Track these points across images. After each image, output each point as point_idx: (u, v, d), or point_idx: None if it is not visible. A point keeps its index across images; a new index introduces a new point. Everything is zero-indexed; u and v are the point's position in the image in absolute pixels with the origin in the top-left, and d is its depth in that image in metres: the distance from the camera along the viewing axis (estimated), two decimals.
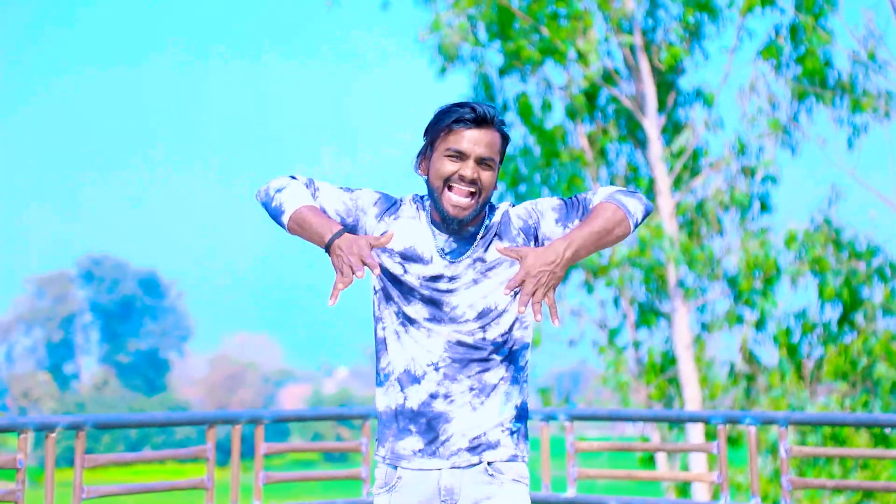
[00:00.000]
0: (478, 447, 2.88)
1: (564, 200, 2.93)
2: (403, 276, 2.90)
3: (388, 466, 2.93)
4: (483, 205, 2.87)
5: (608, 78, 15.03)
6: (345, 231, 2.81)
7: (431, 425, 2.89)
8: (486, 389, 2.89)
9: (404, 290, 2.90)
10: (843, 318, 14.22)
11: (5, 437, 40.39)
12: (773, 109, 14.57)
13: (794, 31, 14.38)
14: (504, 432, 2.90)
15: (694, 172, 15.04)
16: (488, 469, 2.88)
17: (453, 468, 2.88)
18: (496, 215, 2.93)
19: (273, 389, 69.98)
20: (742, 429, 13.11)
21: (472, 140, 2.84)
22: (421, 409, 2.89)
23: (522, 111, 15.01)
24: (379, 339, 2.96)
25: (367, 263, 2.70)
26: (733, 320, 14.60)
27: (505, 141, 2.90)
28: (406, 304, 2.90)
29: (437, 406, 2.88)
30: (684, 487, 14.20)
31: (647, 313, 15.13)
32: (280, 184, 2.92)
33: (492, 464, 2.89)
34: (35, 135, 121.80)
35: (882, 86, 14.14)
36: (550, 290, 2.69)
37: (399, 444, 2.91)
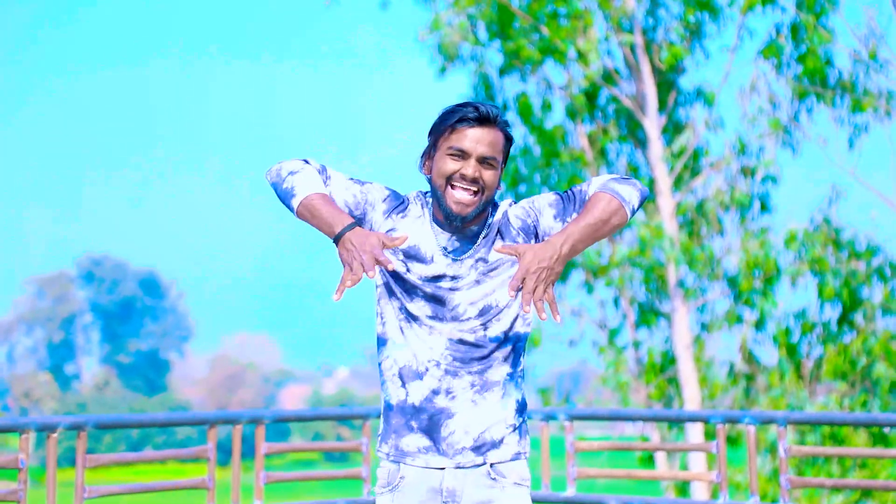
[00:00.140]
0: (482, 446, 2.88)
1: (560, 195, 2.93)
2: (406, 275, 2.90)
3: (392, 463, 2.92)
4: (486, 203, 2.87)
5: (608, 77, 15.01)
6: (356, 225, 2.78)
7: (433, 421, 2.88)
8: (486, 385, 2.90)
9: (407, 286, 2.90)
10: (843, 318, 14.23)
11: (7, 438, 40.37)
12: (774, 109, 14.56)
13: (795, 30, 14.36)
14: (507, 429, 2.91)
15: (694, 172, 15.03)
16: (491, 472, 2.89)
17: (457, 468, 2.88)
18: (498, 213, 2.93)
19: (273, 390, 69.97)
20: (741, 428, 13.14)
21: (475, 139, 2.84)
22: (423, 405, 2.88)
23: (522, 111, 15.00)
24: (381, 334, 2.96)
25: (379, 262, 2.68)
26: (733, 320, 14.59)
27: (508, 141, 2.91)
28: (409, 300, 2.90)
29: (439, 402, 2.88)
30: (683, 487, 14.20)
31: (647, 313, 15.12)
32: (293, 167, 2.89)
33: (494, 466, 2.89)
34: (35, 135, 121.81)
35: (883, 85, 14.14)
36: (550, 286, 2.69)
37: (402, 440, 2.90)
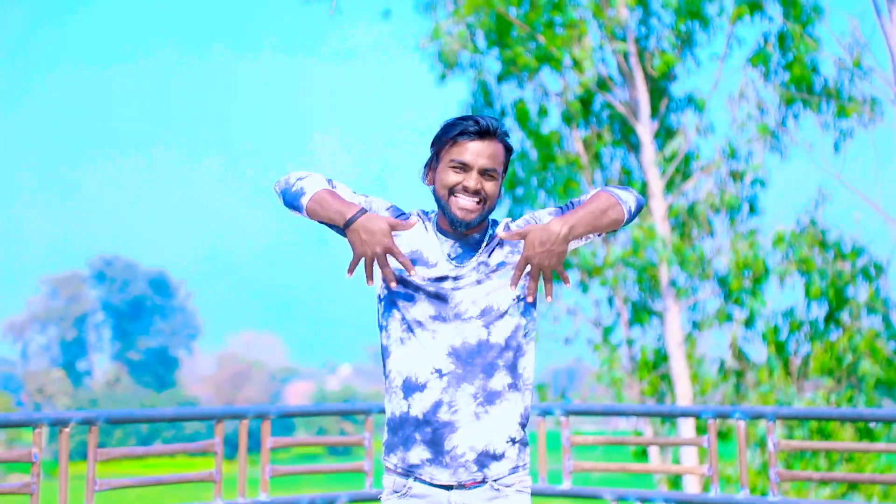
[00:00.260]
0: (483, 460, 2.89)
1: (560, 207, 3.00)
2: (409, 278, 2.93)
3: (399, 476, 2.94)
4: (488, 212, 2.93)
5: (602, 84, 15.15)
6: (365, 211, 2.85)
7: (437, 435, 2.88)
8: (490, 397, 2.89)
9: (410, 289, 2.92)
10: (829, 317, 14.34)
11: (21, 432, 40.47)
12: (762, 115, 14.70)
13: (782, 38, 14.50)
14: (508, 443, 2.91)
15: (686, 176, 15.15)
16: (493, 484, 2.90)
17: (461, 488, 2.90)
18: (499, 227, 2.99)
19: (278, 386, 69.86)
20: (732, 423, 13.24)
21: (476, 152, 2.88)
22: (426, 417, 2.88)
23: (520, 117, 15.15)
24: (384, 347, 2.97)
25: (391, 252, 2.80)
26: (723, 318, 14.70)
27: (508, 152, 2.95)
28: (412, 304, 2.92)
29: (442, 415, 2.87)
30: (676, 480, 14.29)
31: (640, 312, 15.22)
32: (300, 174, 2.98)
33: (497, 480, 2.91)
34: (40, 134, 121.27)
35: (867, 92, 14.24)
36: (557, 266, 2.78)
37: (409, 454, 2.91)
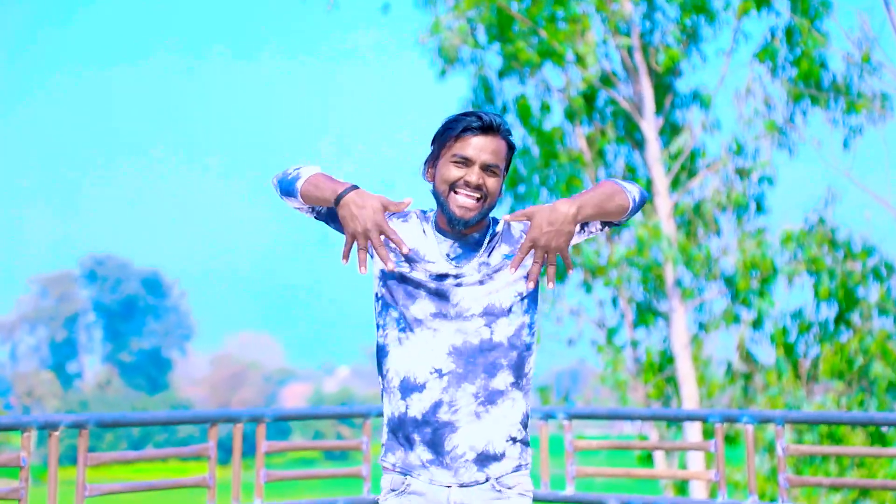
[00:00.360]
0: (484, 460, 2.87)
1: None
2: (410, 273, 2.91)
3: (398, 475, 2.91)
4: (488, 210, 2.90)
5: (606, 80, 15.07)
6: (357, 188, 2.83)
7: (437, 436, 2.86)
8: (491, 397, 2.87)
9: (410, 286, 2.90)
10: (840, 318, 14.24)
11: (9, 436, 40.38)
12: (769, 111, 14.59)
13: (790, 33, 14.39)
14: (508, 442, 2.90)
15: (691, 173, 15.09)
16: (496, 485, 2.89)
17: (462, 486, 2.87)
18: (499, 226, 2.97)
19: (274, 388, 69.98)
20: (739, 427, 13.23)
21: (478, 147, 2.87)
22: (425, 418, 2.86)
23: (521, 113, 15.06)
24: (380, 346, 2.95)
25: (384, 231, 2.76)
26: (730, 320, 14.62)
27: (511, 149, 2.94)
28: (412, 302, 2.90)
29: (442, 415, 2.86)
30: (682, 485, 14.23)
31: (645, 313, 15.17)
32: (298, 164, 3.00)
33: (498, 479, 2.89)
34: (38, 134, 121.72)
35: (877, 87, 14.15)
36: (563, 249, 2.75)
37: (408, 455, 2.90)
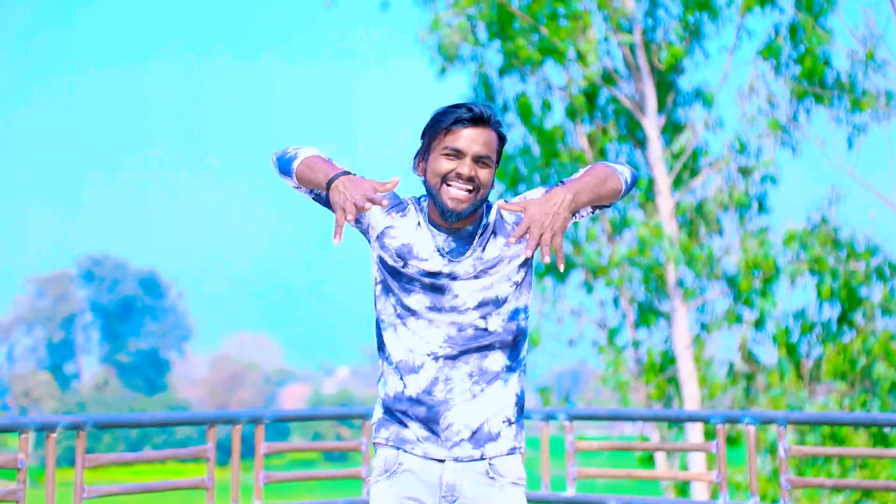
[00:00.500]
0: (480, 439, 2.90)
1: (550, 187, 2.99)
2: (403, 269, 2.93)
3: (391, 449, 2.93)
4: (481, 201, 2.90)
5: (608, 78, 15.03)
6: (350, 173, 2.84)
7: (432, 413, 2.89)
8: (485, 376, 2.91)
9: (404, 281, 2.92)
10: (842, 318, 14.22)
11: (6, 437, 40.42)
12: (773, 109, 14.56)
13: (794, 30, 14.36)
14: (504, 423, 2.92)
15: (693, 172, 15.05)
16: (489, 471, 2.90)
17: (456, 461, 2.89)
18: (492, 215, 2.96)
19: (273, 389, 70.08)
20: (741, 428, 13.18)
21: (469, 139, 2.86)
22: (420, 396, 2.90)
23: (522, 111, 15.02)
24: (379, 332, 2.98)
25: (372, 200, 2.72)
26: (732, 320, 14.61)
27: (502, 141, 2.93)
28: (406, 295, 2.92)
29: (437, 393, 2.89)
30: (683, 487, 14.22)
31: (647, 313, 15.15)
32: (298, 145, 3.02)
33: (492, 464, 2.91)
34: (35, 135, 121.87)
35: (882, 85, 14.10)
36: (558, 234, 2.72)
37: (403, 430, 2.92)
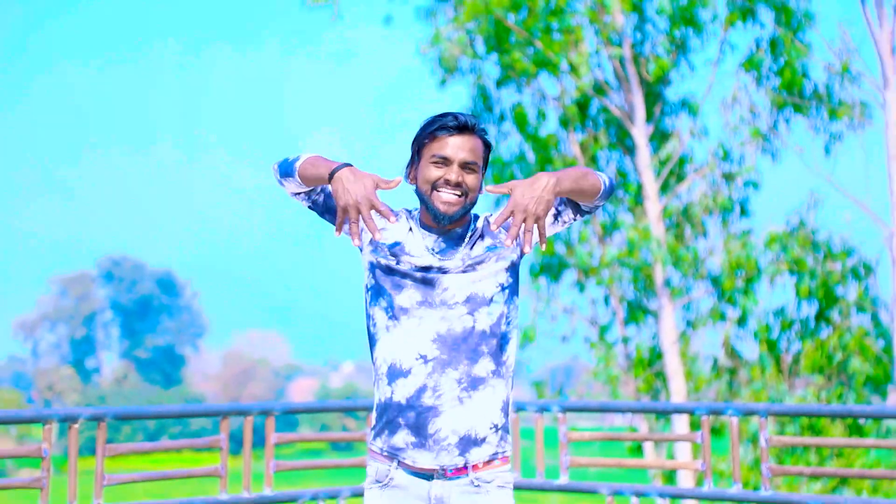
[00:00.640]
0: (465, 444, 2.92)
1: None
2: (397, 266, 2.98)
3: (384, 461, 2.97)
4: (470, 205, 2.98)
5: (599, 89, 15.31)
6: (352, 165, 2.88)
7: (421, 419, 2.91)
8: (474, 383, 2.93)
9: (397, 277, 2.97)
10: (820, 316, 14.47)
11: (31, 428, 40.67)
12: (754, 118, 14.83)
13: (774, 44, 14.62)
14: (490, 428, 2.94)
15: (680, 178, 15.31)
16: (475, 481, 2.93)
17: (443, 477, 2.93)
18: (479, 221, 3.05)
19: (282, 383, 70.17)
20: (725, 419, 13.39)
21: (456, 146, 2.94)
22: (409, 402, 2.92)
23: (518, 120, 15.32)
24: (370, 336, 3.02)
25: (374, 206, 2.78)
26: (716, 317, 14.85)
27: (487, 147, 3.00)
28: (398, 292, 2.96)
29: (426, 400, 2.91)
30: (670, 475, 14.47)
31: (636, 311, 15.37)
32: (297, 154, 3.09)
33: (478, 475, 2.94)
34: (40, 134, 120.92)
35: (857, 96, 14.36)
36: (541, 217, 2.78)
37: (393, 438, 2.95)
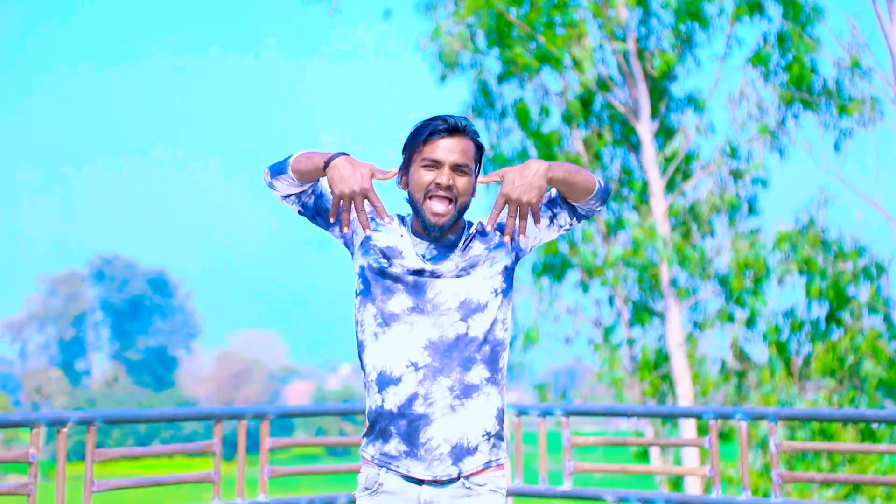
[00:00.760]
0: (458, 454, 2.90)
1: None
2: (389, 268, 2.96)
3: (374, 468, 2.95)
4: (461, 211, 2.96)
5: (603, 84, 15.17)
6: (347, 154, 2.87)
7: (412, 428, 2.90)
8: (466, 391, 2.91)
9: (388, 281, 2.95)
10: (831, 317, 14.31)
11: (18, 432, 40.41)
12: (762, 115, 14.67)
13: (782, 39, 14.49)
14: (483, 437, 2.93)
15: (686, 175, 15.17)
16: (465, 483, 2.92)
17: (435, 484, 2.91)
18: (472, 227, 3.03)
19: (278, 386, 70.08)
20: (733, 424, 13.31)
21: (446, 148, 2.92)
22: (401, 410, 2.90)
23: (520, 116, 15.16)
24: (359, 342, 2.99)
25: (368, 198, 2.78)
26: (724, 318, 14.70)
27: (479, 149, 2.99)
28: (389, 297, 2.94)
29: (417, 408, 2.89)
30: (677, 481, 14.34)
31: (641, 312, 15.23)
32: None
33: (469, 478, 2.92)
34: (35, 133, 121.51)
35: (867, 91, 14.21)
36: (534, 205, 2.80)
37: (386, 447, 2.94)
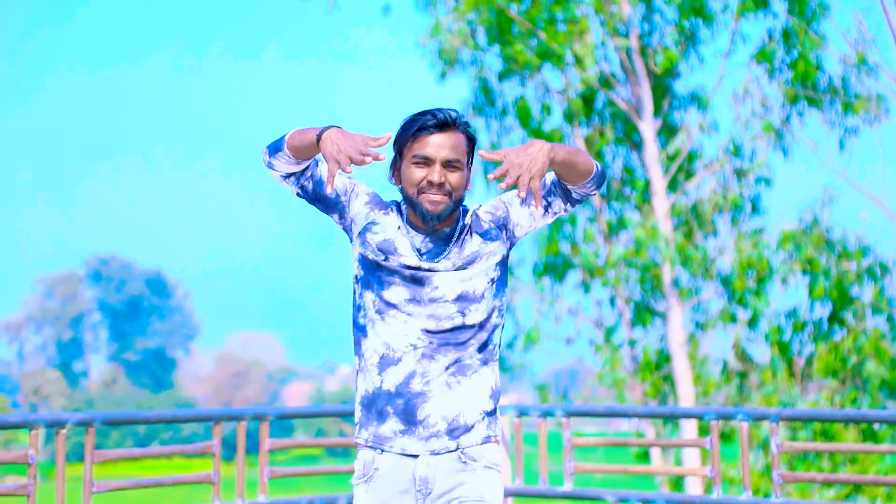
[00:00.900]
0: (455, 430, 2.93)
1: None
2: (385, 263, 2.97)
3: (369, 451, 2.97)
4: (456, 203, 2.95)
5: (605, 82, 15.12)
6: (341, 127, 2.86)
7: (409, 406, 2.92)
8: (462, 369, 2.95)
9: (385, 273, 2.97)
10: (834, 317, 14.29)
11: (17, 434, 40.37)
12: (766, 112, 14.63)
13: (787, 35, 14.44)
14: (479, 414, 2.96)
15: (689, 174, 15.13)
16: (462, 456, 2.94)
17: (431, 454, 2.93)
18: (468, 217, 3.02)
19: (277, 387, 70.03)
20: (734, 424, 13.23)
21: (437, 144, 2.90)
22: (398, 389, 2.93)
23: (521, 114, 15.11)
24: (359, 327, 3.01)
25: (366, 153, 2.75)
26: (726, 319, 14.68)
27: (471, 141, 2.97)
28: (386, 288, 2.96)
29: (415, 386, 2.92)
30: (678, 481, 14.29)
31: (643, 312, 15.21)
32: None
33: (465, 451, 2.94)
34: (34, 135, 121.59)
35: (873, 89, 14.18)
36: (535, 177, 2.76)
37: (381, 427, 2.95)
